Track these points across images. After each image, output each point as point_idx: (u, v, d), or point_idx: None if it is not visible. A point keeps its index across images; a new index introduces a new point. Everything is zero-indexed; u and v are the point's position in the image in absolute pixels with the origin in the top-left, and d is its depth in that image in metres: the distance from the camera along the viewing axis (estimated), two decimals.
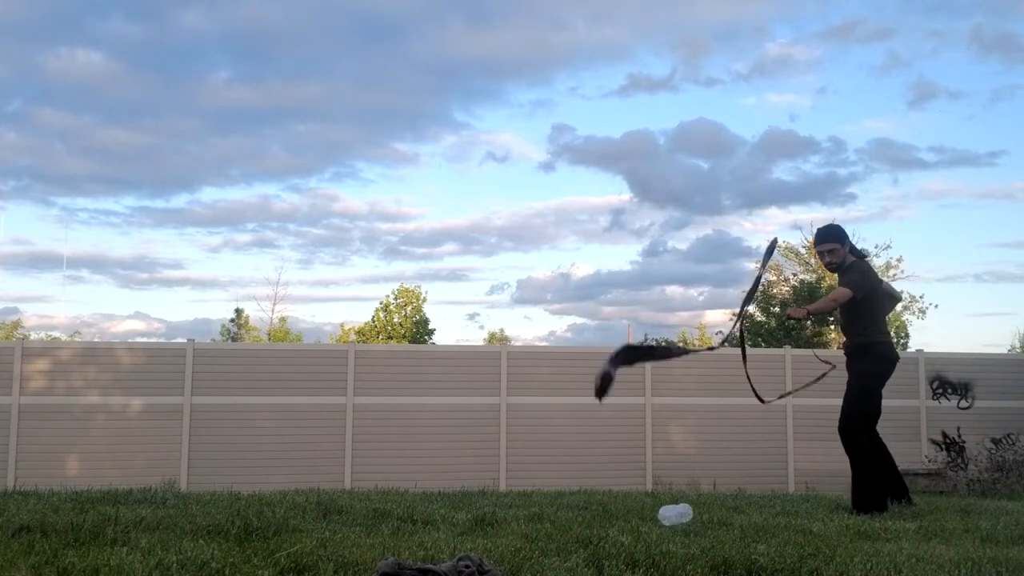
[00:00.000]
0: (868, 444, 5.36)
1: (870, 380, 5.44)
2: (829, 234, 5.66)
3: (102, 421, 11.66)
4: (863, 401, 5.42)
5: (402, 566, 2.63)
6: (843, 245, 5.58)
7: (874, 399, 5.44)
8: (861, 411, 5.39)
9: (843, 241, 5.60)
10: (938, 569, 3.04)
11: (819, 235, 5.74)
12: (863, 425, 5.37)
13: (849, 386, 5.46)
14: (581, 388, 12.55)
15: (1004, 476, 10.88)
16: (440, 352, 14.80)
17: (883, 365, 5.52)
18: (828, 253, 5.60)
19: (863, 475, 5.32)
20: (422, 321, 34.56)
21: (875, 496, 5.24)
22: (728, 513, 4.78)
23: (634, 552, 3.12)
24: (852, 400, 5.43)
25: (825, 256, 5.64)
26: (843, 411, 5.44)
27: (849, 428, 5.40)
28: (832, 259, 5.60)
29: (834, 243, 5.58)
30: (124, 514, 3.82)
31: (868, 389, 5.44)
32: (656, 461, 12.48)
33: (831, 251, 5.58)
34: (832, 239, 5.61)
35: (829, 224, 5.84)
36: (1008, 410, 12.64)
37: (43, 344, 13.65)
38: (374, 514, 4.22)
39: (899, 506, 5.31)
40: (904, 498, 5.45)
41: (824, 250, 5.63)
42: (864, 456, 5.34)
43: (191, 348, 12.04)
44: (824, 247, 5.63)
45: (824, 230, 5.73)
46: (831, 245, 5.58)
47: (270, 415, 11.95)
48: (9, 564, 2.72)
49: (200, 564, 2.75)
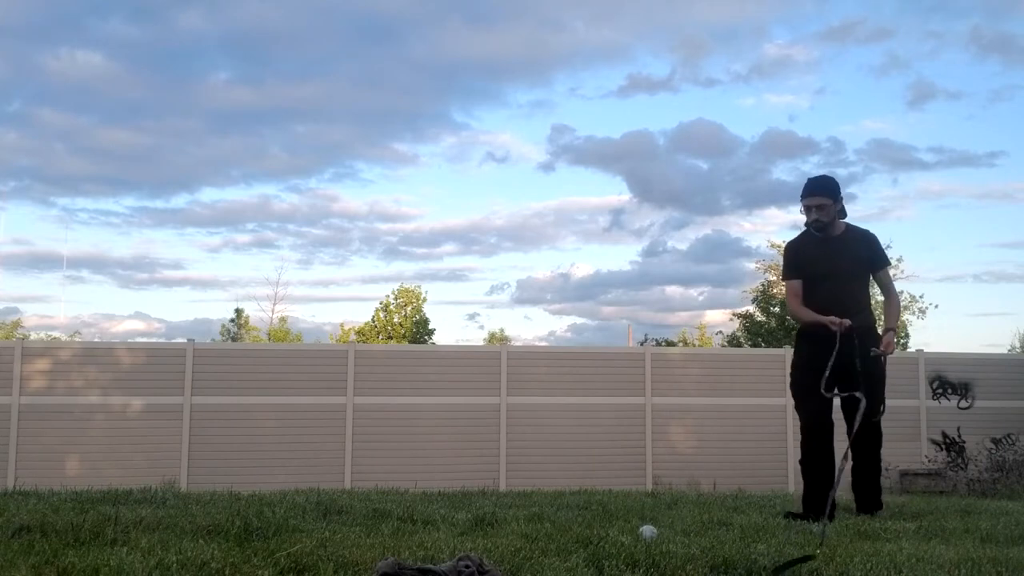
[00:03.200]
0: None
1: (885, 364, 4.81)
2: (823, 187, 4.72)
3: (102, 421, 11.67)
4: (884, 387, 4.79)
5: (402, 566, 2.63)
6: (836, 202, 4.72)
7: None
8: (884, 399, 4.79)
9: (836, 197, 4.72)
10: (938, 569, 3.04)
11: (810, 187, 4.73)
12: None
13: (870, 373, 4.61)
14: (581, 388, 12.58)
15: (1004, 476, 10.90)
16: (440, 352, 14.80)
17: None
18: (817, 209, 4.69)
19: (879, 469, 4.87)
20: (422, 321, 34.57)
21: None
22: (728, 513, 4.78)
23: (634, 552, 3.11)
24: (880, 388, 4.72)
25: (812, 212, 4.71)
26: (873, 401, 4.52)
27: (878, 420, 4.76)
28: (820, 217, 4.70)
29: (826, 198, 4.69)
30: (124, 514, 3.82)
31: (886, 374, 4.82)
32: (656, 461, 12.48)
33: (821, 207, 4.69)
34: (825, 193, 4.70)
35: (822, 175, 4.80)
36: (1008, 410, 12.65)
37: (43, 344, 13.66)
38: (374, 514, 4.22)
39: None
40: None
41: (813, 205, 4.70)
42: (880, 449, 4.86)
43: (191, 348, 12.04)
44: (814, 201, 4.69)
45: (817, 181, 4.74)
46: (822, 200, 4.68)
47: (270, 415, 11.96)
48: (9, 564, 2.72)
49: (200, 564, 2.75)
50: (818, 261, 4.80)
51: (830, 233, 4.78)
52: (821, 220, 4.71)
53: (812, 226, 4.77)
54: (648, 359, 12.84)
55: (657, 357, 13.08)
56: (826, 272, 4.76)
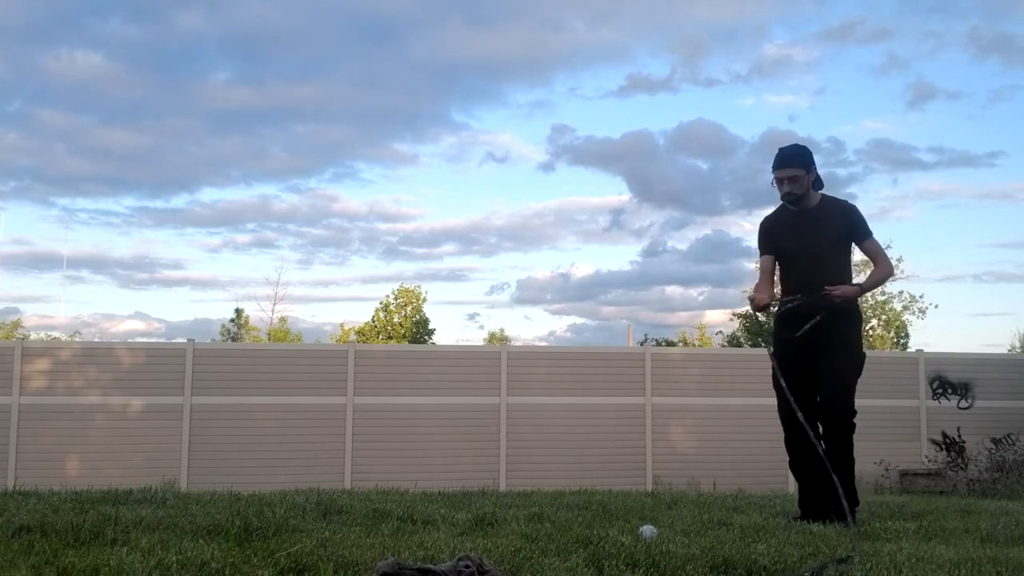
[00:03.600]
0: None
1: (862, 347, 4.54)
2: (794, 157, 4.49)
3: (102, 421, 11.67)
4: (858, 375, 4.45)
5: (402, 566, 2.63)
6: (809, 172, 4.50)
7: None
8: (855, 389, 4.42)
9: (809, 167, 4.51)
10: (938, 569, 3.04)
11: (782, 157, 4.51)
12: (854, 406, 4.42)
13: (841, 356, 4.38)
14: (581, 388, 12.58)
15: (1004, 476, 10.90)
16: (440, 352, 14.80)
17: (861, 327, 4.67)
18: (789, 181, 4.47)
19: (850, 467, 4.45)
20: (422, 321, 34.58)
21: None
22: (728, 513, 4.78)
23: (634, 552, 3.11)
24: (852, 375, 4.42)
25: (785, 184, 4.49)
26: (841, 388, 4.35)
27: (849, 409, 4.37)
28: (793, 189, 4.48)
29: (798, 169, 4.46)
30: (124, 514, 3.82)
31: (863, 359, 4.49)
32: (656, 461, 12.48)
33: (794, 179, 4.47)
34: (798, 164, 4.48)
35: (794, 144, 4.57)
36: (1008, 410, 12.64)
37: (43, 344, 13.66)
38: (374, 514, 4.22)
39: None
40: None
41: (785, 176, 4.48)
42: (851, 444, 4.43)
43: (191, 348, 12.04)
44: (786, 172, 4.47)
45: (789, 151, 4.51)
46: (795, 171, 4.46)
47: (270, 415, 11.96)
48: (9, 564, 2.72)
49: (200, 564, 2.75)
50: (791, 236, 4.58)
51: (805, 206, 4.54)
52: (794, 192, 4.49)
53: (785, 199, 4.56)
54: (648, 359, 12.84)
55: (657, 357, 13.08)
56: (799, 248, 4.54)
